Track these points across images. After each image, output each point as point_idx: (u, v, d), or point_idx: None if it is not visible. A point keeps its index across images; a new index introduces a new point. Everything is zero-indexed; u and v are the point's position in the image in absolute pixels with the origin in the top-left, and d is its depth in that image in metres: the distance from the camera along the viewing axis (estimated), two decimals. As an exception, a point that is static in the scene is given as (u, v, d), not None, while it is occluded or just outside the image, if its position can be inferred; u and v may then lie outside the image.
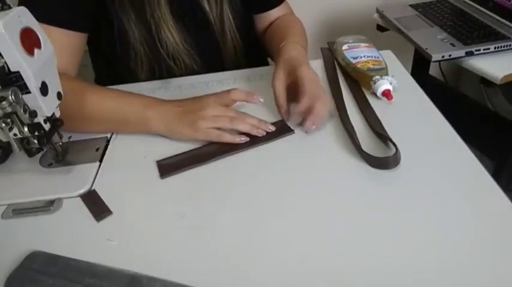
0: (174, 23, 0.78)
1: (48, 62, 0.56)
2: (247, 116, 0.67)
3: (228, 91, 0.67)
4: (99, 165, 0.64)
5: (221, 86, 0.79)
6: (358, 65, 0.75)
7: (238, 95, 0.67)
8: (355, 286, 0.44)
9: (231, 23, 0.83)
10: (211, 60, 0.86)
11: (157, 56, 0.80)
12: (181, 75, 0.84)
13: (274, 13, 0.92)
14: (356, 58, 0.77)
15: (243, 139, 0.64)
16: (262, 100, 0.69)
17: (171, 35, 0.78)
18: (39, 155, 0.65)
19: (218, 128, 0.64)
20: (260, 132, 0.65)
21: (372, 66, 0.74)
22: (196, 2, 0.80)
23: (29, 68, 0.51)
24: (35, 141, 0.57)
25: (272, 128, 0.66)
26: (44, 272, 0.47)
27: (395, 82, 0.71)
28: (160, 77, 0.83)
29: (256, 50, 0.93)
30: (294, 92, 0.68)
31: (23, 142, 0.58)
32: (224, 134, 0.64)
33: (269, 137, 0.65)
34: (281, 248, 0.48)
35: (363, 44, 0.81)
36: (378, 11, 1.35)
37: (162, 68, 0.82)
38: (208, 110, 0.65)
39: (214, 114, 0.65)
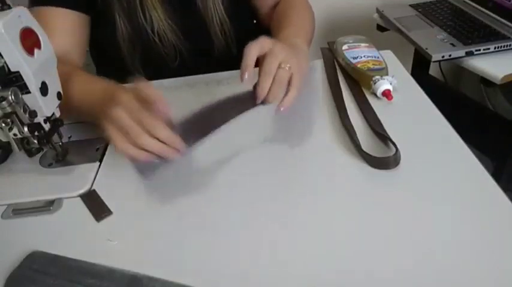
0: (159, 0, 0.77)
1: (48, 62, 0.56)
2: (159, 129, 0.53)
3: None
4: (99, 165, 0.64)
5: (221, 85, 0.79)
6: (358, 65, 0.75)
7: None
8: (356, 286, 0.44)
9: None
10: (198, 40, 0.84)
11: (139, 28, 0.79)
12: (166, 54, 0.82)
13: None
14: (356, 58, 0.77)
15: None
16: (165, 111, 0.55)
17: (156, 11, 0.77)
18: (39, 155, 0.65)
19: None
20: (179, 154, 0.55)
21: (372, 66, 0.74)
22: None
23: (29, 68, 0.51)
24: (35, 141, 0.57)
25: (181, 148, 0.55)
26: (44, 272, 0.47)
27: (396, 82, 0.71)
28: (143, 53, 0.82)
29: (251, 34, 0.88)
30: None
31: (23, 142, 0.58)
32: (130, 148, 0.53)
33: (239, 110, 0.60)
34: (281, 248, 0.48)
35: (363, 44, 0.81)
36: (378, 11, 1.35)
37: (145, 43, 0.80)
38: (117, 105, 0.54)
39: (119, 115, 0.53)
